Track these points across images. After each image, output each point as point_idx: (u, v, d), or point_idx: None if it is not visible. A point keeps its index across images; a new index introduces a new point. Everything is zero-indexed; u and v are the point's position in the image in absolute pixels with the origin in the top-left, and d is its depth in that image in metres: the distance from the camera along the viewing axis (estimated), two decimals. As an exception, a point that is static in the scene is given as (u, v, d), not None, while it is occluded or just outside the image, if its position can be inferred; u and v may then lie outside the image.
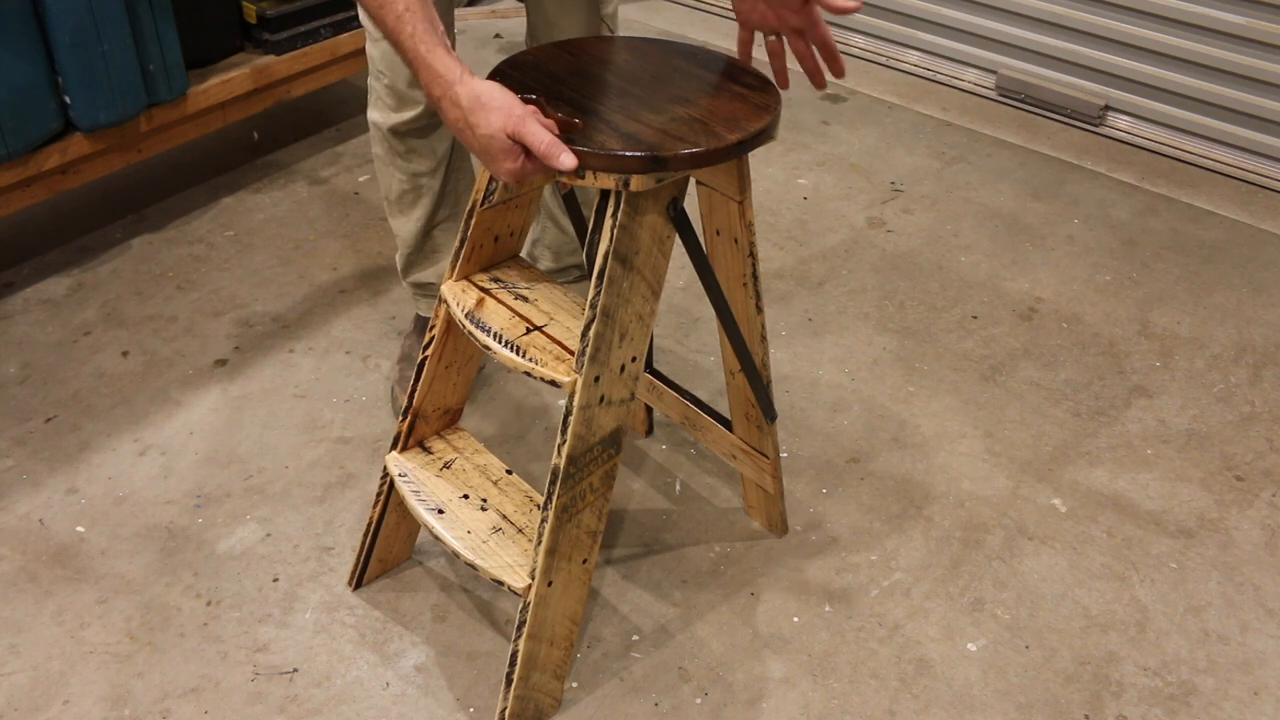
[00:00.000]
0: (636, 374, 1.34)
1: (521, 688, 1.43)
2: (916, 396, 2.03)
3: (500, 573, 1.38)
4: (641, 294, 1.30)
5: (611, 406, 1.33)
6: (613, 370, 1.31)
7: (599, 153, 1.17)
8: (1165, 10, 2.68)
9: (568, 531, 1.36)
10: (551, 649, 1.44)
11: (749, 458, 1.65)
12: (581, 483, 1.34)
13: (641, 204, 1.24)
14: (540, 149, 1.15)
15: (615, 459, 1.38)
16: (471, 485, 1.50)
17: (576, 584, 1.41)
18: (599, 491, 1.37)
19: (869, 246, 2.43)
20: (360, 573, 1.65)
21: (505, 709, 1.43)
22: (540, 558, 1.35)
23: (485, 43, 3.24)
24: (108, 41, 2.05)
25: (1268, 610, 1.66)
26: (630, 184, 1.19)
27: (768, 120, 1.26)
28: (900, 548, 1.74)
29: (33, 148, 2.07)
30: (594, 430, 1.32)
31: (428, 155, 1.78)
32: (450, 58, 1.19)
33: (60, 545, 1.70)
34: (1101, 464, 1.90)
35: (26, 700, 1.49)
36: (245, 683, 1.51)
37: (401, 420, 1.53)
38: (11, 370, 2.02)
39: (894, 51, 3.21)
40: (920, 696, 1.52)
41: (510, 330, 1.35)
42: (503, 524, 1.44)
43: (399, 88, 1.68)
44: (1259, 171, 2.70)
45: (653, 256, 1.29)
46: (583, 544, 1.39)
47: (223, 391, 1.99)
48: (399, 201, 1.83)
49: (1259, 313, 2.27)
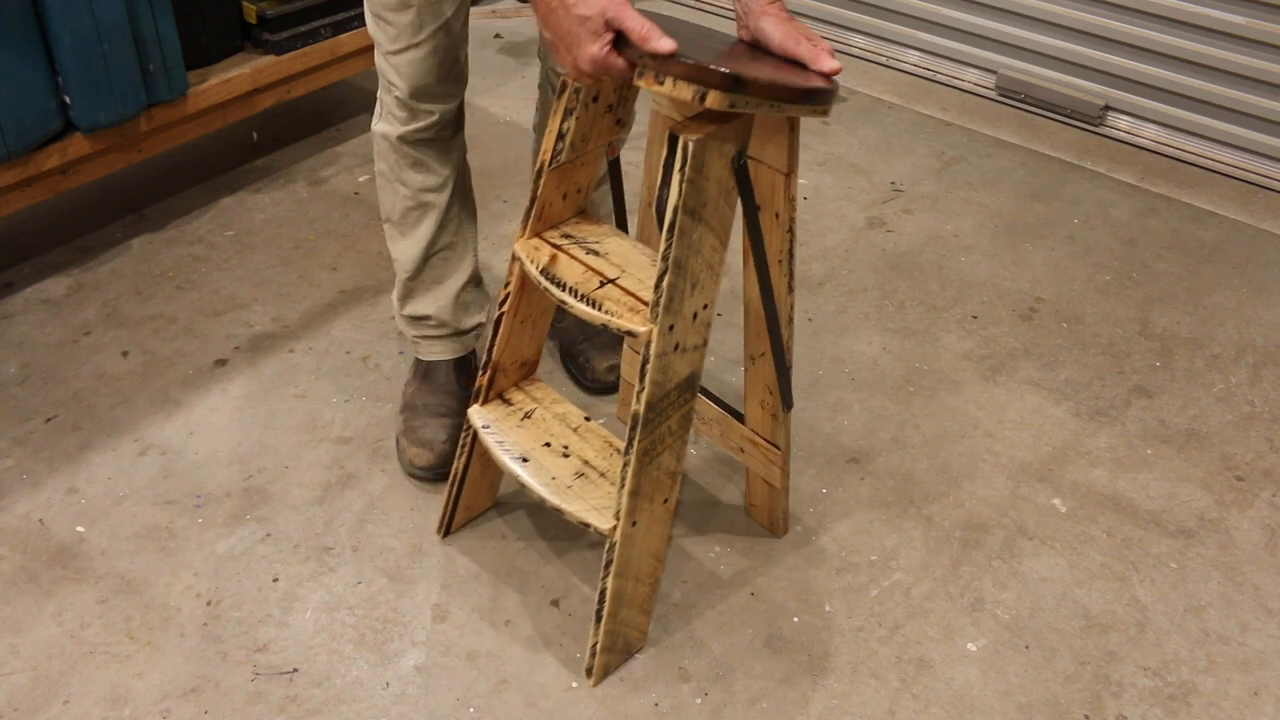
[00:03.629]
0: (708, 320, 1.39)
1: (611, 623, 1.49)
2: (916, 396, 2.03)
3: (586, 515, 1.45)
4: (710, 244, 1.34)
5: (685, 353, 1.38)
6: (686, 318, 1.35)
7: (686, 61, 1.18)
8: (1165, 10, 2.68)
9: (649, 473, 1.41)
10: (638, 585, 1.50)
11: (758, 450, 1.65)
12: (660, 426, 1.40)
13: (708, 158, 1.28)
14: (640, 32, 1.17)
15: (691, 402, 1.43)
16: (552, 434, 1.56)
17: (659, 523, 1.48)
18: (677, 434, 1.43)
19: (869, 246, 2.43)
20: (448, 522, 1.72)
21: (596, 643, 1.50)
22: (624, 500, 1.41)
23: (486, 43, 3.24)
24: (108, 41, 2.05)
25: (1268, 610, 1.66)
26: (707, 98, 1.19)
27: (830, 87, 1.29)
28: (900, 548, 1.74)
29: (33, 148, 2.07)
30: (670, 376, 1.37)
31: (437, 169, 1.72)
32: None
33: (60, 545, 1.70)
34: (1101, 464, 1.90)
35: (26, 700, 1.49)
36: (245, 683, 1.52)
37: (481, 375, 1.59)
38: (11, 370, 2.02)
39: (894, 51, 3.21)
40: (920, 696, 1.52)
41: (584, 284, 1.40)
42: (585, 469, 1.51)
43: (410, 100, 1.64)
44: (1259, 171, 2.70)
45: (719, 208, 1.33)
46: (663, 484, 1.45)
47: (223, 391, 1.99)
48: (401, 221, 1.77)
49: (1259, 313, 2.27)
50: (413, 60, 1.60)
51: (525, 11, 3.37)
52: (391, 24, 1.59)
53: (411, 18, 1.57)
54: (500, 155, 2.69)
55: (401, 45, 1.60)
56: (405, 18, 1.57)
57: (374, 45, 1.65)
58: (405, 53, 1.60)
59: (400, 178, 1.73)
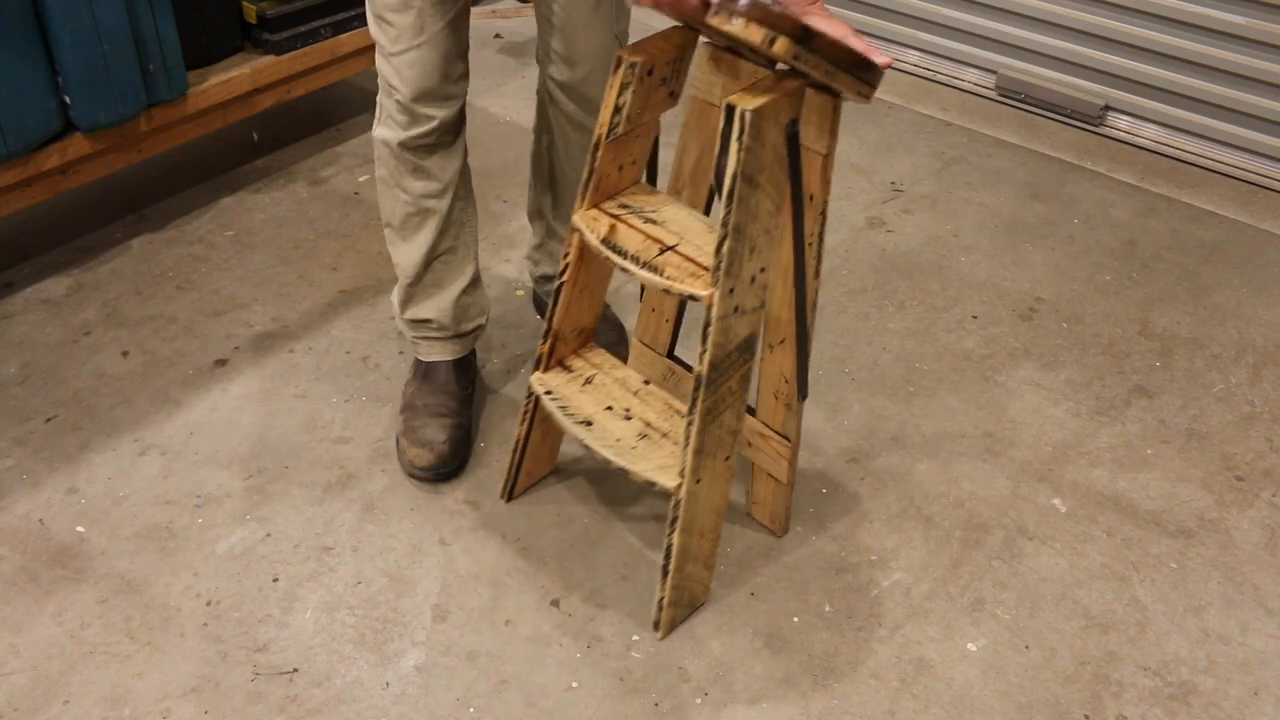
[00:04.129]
0: (765, 283, 1.44)
1: (677, 578, 1.54)
2: (916, 396, 2.03)
3: (652, 474, 1.49)
4: (767, 209, 1.38)
5: (744, 315, 1.42)
6: (744, 282, 1.39)
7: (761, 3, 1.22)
8: (1165, 10, 2.68)
9: (712, 432, 1.46)
10: (701, 540, 1.55)
11: (766, 443, 1.66)
12: (722, 386, 1.44)
13: (764, 126, 1.31)
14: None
15: (750, 362, 1.47)
16: (614, 397, 1.60)
17: (721, 479, 1.52)
18: (736, 394, 1.47)
19: (869, 246, 2.43)
20: (511, 487, 1.77)
21: (663, 597, 1.55)
22: (689, 458, 1.45)
23: (486, 43, 3.24)
24: (108, 41, 2.05)
25: (1268, 610, 1.66)
26: (775, 44, 1.23)
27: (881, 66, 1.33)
28: (900, 548, 1.74)
29: (33, 148, 2.07)
30: (730, 338, 1.42)
31: (438, 174, 1.71)
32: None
33: (60, 545, 1.70)
34: (1101, 464, 1.90)
35: (26, 700, 1.49)
36: (245, 683, 1.52)
37: (543, 343, 1.63)
38: (11, 370, 2.02)
39: (894, 51, 3.20)
40: (920, 696, 1.52)
41: (645, 252, 1.44)
42: (648, 430, 1.56)
43: (411, 104, 1.63)
44: (1259, 171, 2.70)
45: (775, 175, 1.37)
46: (725, 442, 1.49)
47: (223, 391, 1.99)
48: (402, 227, 1.76)
49: (1259, 313, 2.27)
50: (414, 62, 1.60)
51: (525, 11, 3.37)
52: (393, 25, 1.58)
53: (413, 19, 1.57)
54: (500, 155, 2.69)
55: (402, 47, 1.59)
56: (406, 19, 1.57)
57: (375, 47, 1.65)
58: (406, 54, 1.59)
59: (401, 184, 1.72)
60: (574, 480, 1.84)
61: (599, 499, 1.80)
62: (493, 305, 2.21)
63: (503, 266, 2.32)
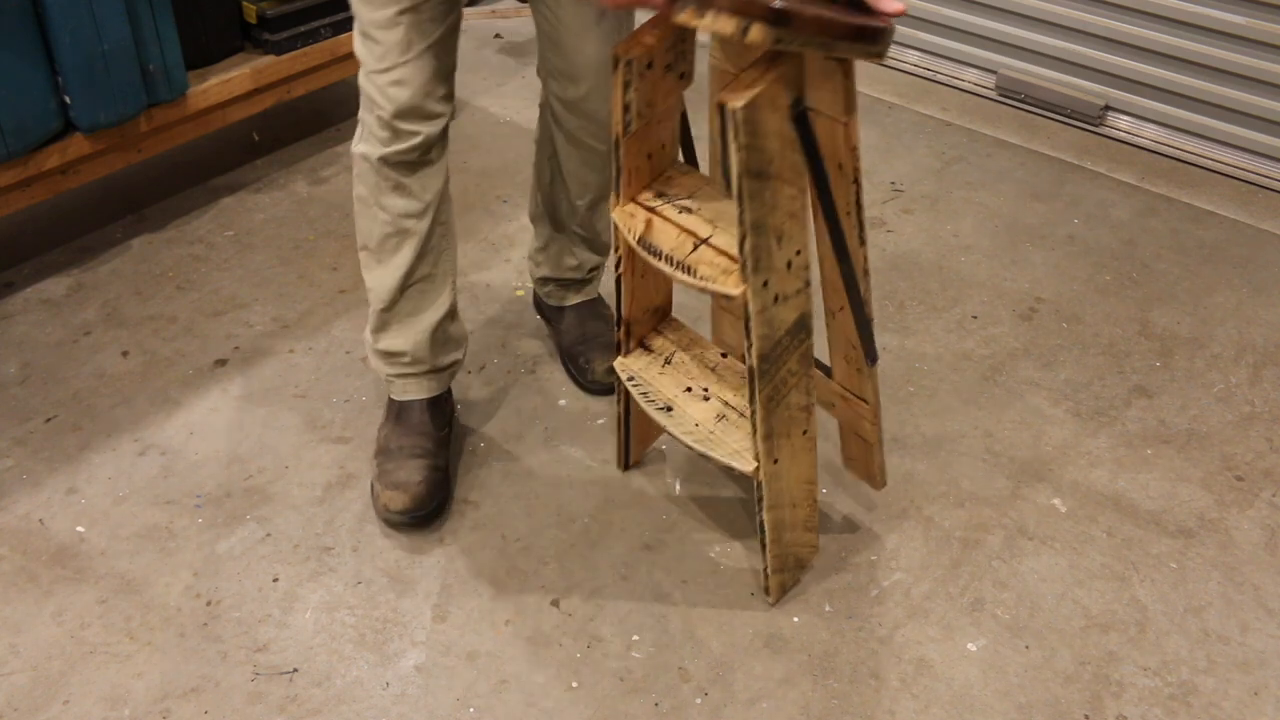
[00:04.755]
0: (805, 263, 1.39)
1: (776, 548, 1.57)
2: (916, 396, 2.03)
3: (730, 459, 1.49)
4: (787, 194, 1.32)
5: (788, 300, 1.39)
6: (779, 270, 1.36)
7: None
8: (1165, 10, 2.68)
9: (779, 415, 1.45)
10: (795, 510, 1.56)
11: (847, 404, 1.65)
12: (779, 372, 1.42)
13: (761, 117, 1.25)
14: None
15: (807, 341, 1.44)
16: (693, 377, 1.60)
17: (802, 453, 1.52)
18: (799, 373, 1.45)
19: (869, 246, 2.42)
20: (625, 457, 1.82)
21: (766, 567, 1.58)
22: (759, 444, 1.45)
23: (485, 43, 3.24)
24: (108, 41, 2.05)
25: (1268, 610, 1.66)
26: (750, 32, 1.14)
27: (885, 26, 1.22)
28: (900, 548, 1.74)
29: (33, 148, 2.07)
30: (777, 327, 1.39)
31: (419, 193, 1.64)
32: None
33: (60, 545, 1.70)
34: (1101, 464, 1.90)
35: (26, 700, 1.49)
36: (245, 683, 1.52)
37: (618, 330, 1.63)
38: (11, 370, 2.02)
39: (894, 51, 3.20)
40: (920, 696, 1.52)
41: (679, 250, 1.41)
42: (726, 410, 1.56)
43: (393, 121, 1.56)
44: (1259, 171, 2.70)
45: (787, 158, 1.31)
46: (798, 420, 1.49)
47: (223, 391, 1.99)
48: (379, 249, 1.68)
49: (1259, 313, 2.27)
50: (399, 80, 1.54)
51: (525, 11, 3.37)
52: (379, 42, 1.53)
53: (400, 36, 1.52)
54: (500, 155, 2.69)
55: (388, 64, 1.54)
56: (394, 35, 1.52)
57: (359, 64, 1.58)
58: (391, 71, 1.54)
59: (380, 202, 1.65)
60: (575, 480, 1.84)
61: (599, 499, 1.80)
62: (493, 305, 2.21)
63: (503, 266, 2.32)
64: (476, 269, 2.31)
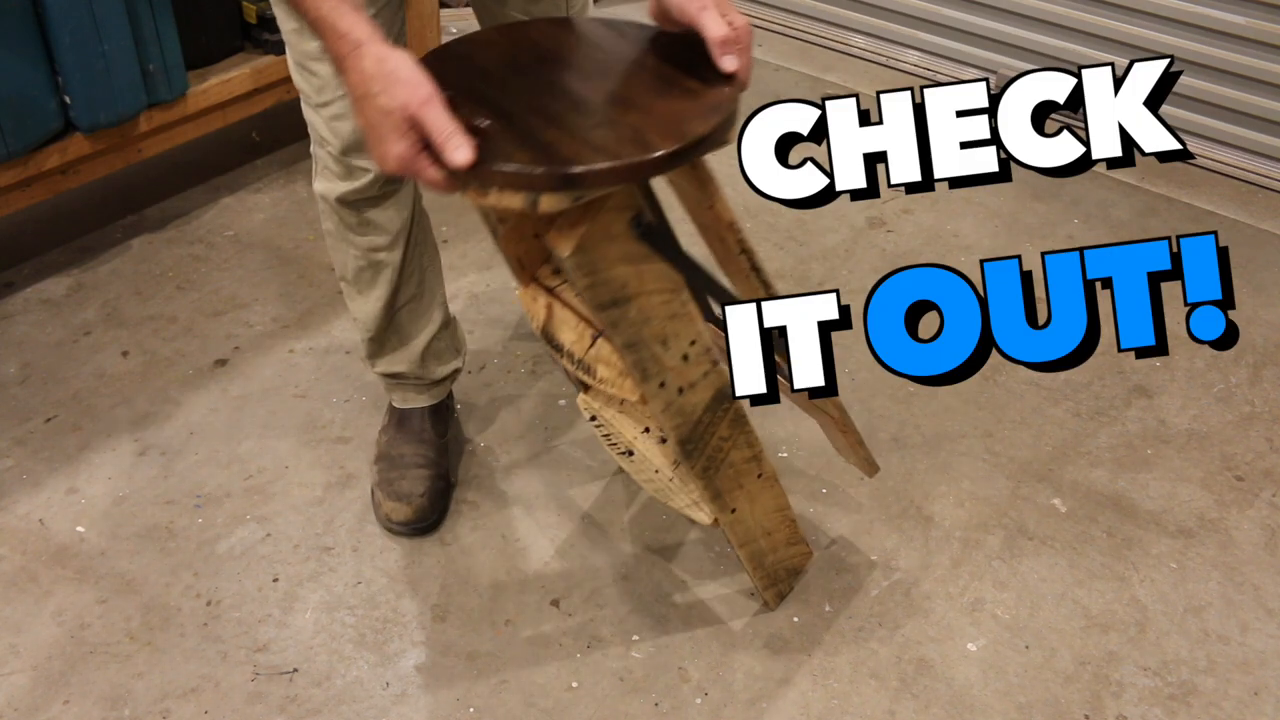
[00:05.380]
0: (705, 346, 1.30)
1: (760, 571, 1.56)
2: (916, 396, 2.03)
3: (688, 511, 1.45)
4: (658, 300, 1.23)
5: (695, 385, 1.31)
6: (674, 368, 1.28)
7: (503, 169, 1.03)
8: (1165, 10, 2.68)
9: (723, 476, 1.41)
10: (771, 536, 1.53)
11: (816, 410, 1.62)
12: (709, 442, 1.36)
13: (596, 255, 1.14)
14: (439, 138, 1.02)
15: (732, 406, 1.36)
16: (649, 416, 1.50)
17: (762, 492, 1.47)
18: (733, 436, 1.38)
19: (869, 246, 2.43)
20: None
21: (758, 585, 1.58)
22: (710, 504, 1.42)
23: (485, 43, 3.24)
24: (108, 41, 2.05)
25: (1268, 610, 1.66)
26: (539, 204, 1.05)
27: (715, 123, 1.10)
28: (900, 548, 1.74)
29: (33, 148, 2.07)
30: (690, 412, 1.33)
31: (385, 226, 1.57)
32: (357, 15, 1.06)
33: (60, 545, 1.70)
34: (1101, 464, 1.90)
35: (26, 700, 1.49)
36: (245, 683, 1.52)
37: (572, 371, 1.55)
38: (11, 370, 2.02)
39: (894, 51, 3.21)
40: (920, 696, 1.52)
41: (579, 345, 1.32)
42: None
43: (343, 156, 1.49)
44: (1259, 171, 2.70)
45: (646, 273, 1.20)
46: (747, 470, 1.43)
47: (223, 391, 1.99)
48: (356, 281, 1.63)
49: (1259, 313, 2.27)
50: (341, 113, 1.45)
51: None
52: (316, 74, 1.45)
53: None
54: (500, 155, 2.69)
55: (328, 98, 1.45)
56: (328, 67, 1.41)
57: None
58: (332, 105, 1.45)
59: (347, 238, 1.59)
60: (575, 480, 1.84)
61: (599, 499, 1.80)
62: (493, 304, 2.21)
63: (502, 266, 2.32)
64: (476, 269, 2.31)
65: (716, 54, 1.17)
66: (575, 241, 1.12)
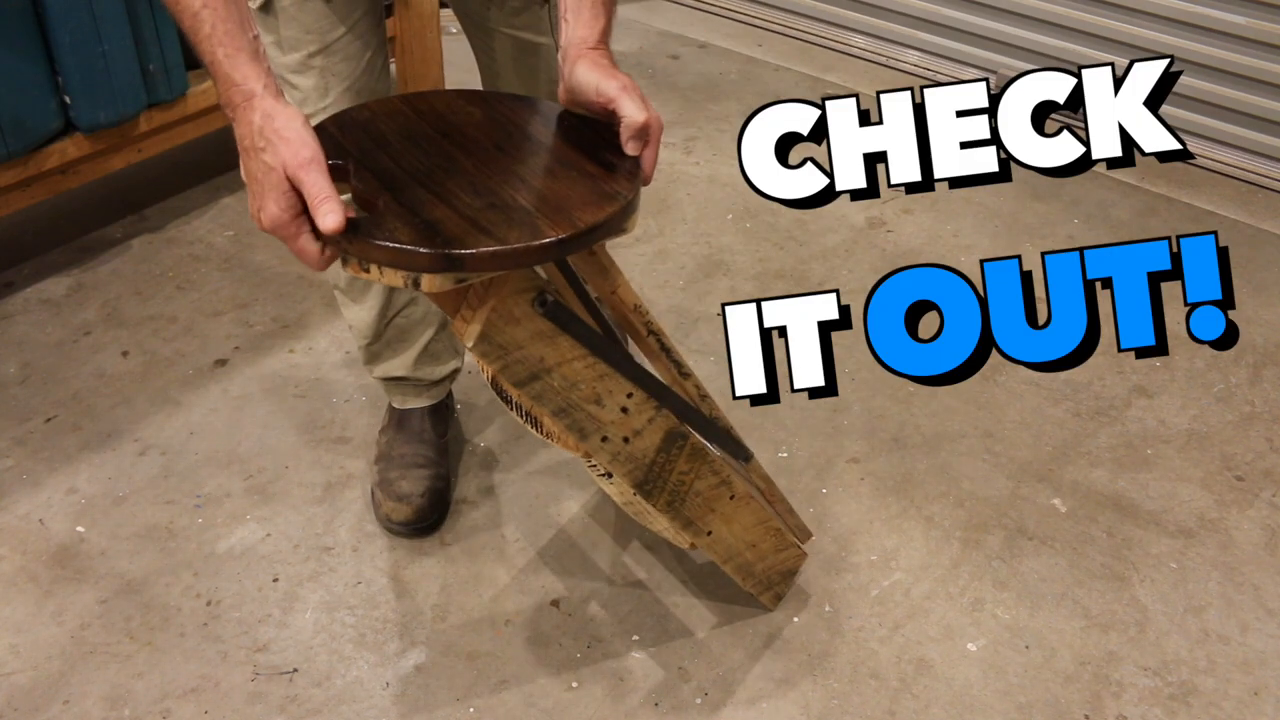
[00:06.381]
0: (642, 398, 1.27)
1: (750, 580, 1.55)
2: (916, 396, 2.03)
3: (665, 534, 1.44)
4: (580, 365, 1.19)
5: (641, 432, 1.29)
6: (614, 422, 1.26)
7: (384, 245, 0.99)
8: (1165, 10, 2.68)
9: (690, 505, 1.39)
10: (756, 548, 1.51)
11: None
12: (670, 479, 1.35)
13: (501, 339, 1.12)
14: (313, 200, 0.99)
15: (686, 441, 1.33)
16: None
17: (739, 513, 1.45)
18: (694, 468, 1.36)
19: (869, 246, 2.43)
20: None
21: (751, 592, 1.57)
22: (682, 532, 1.41)
23: (485, 43, 3.24)
24: (108, 41, 2.05)
25: (1268, 610, 1.66)
26: (420, 283, 1.02)
27: (610, 212, 1.07)
28: (900, 548, 1.74)
29: (33, 148, 2.07)
30: (641, 457, 1.31)
31: None
32: (254, 66, 1.04)
33: (60, 545, 1.70)
34: (1101, 464, 1.90)
35: (26, 700, 1.49)
36: (245, 683, 1.52)
37: None
38: (11, 370, 2.02)
39: (894, 51, 3.21)
40: (920, 696, 1.52)
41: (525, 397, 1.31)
42: None
43: None
44: (1259, 171, 2.70)
45: (559, 344, 1.17)
46: (717, 495, 1.41)
47: (223, 391, 1.99)
48: (349, 289, 1.63)
49: (1259, 313, 2.27)
50: None
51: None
52: (297, 87, 1.45)
53: (315, 80, 1.44)
54: (500, 155, 2.69)
55: (310, 110, 1.44)
56: (309, 80, 1.44)
57: None
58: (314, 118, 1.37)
59: None
60: (575, 480, 1.84)
61: (599, 499, 1.80)
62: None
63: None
64: (476, 269, 2.31)
65: (626, 136, 1.13)
66: (478, 330, 1.10)
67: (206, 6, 1.03)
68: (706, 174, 2.66)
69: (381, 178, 1.09)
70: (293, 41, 1.43)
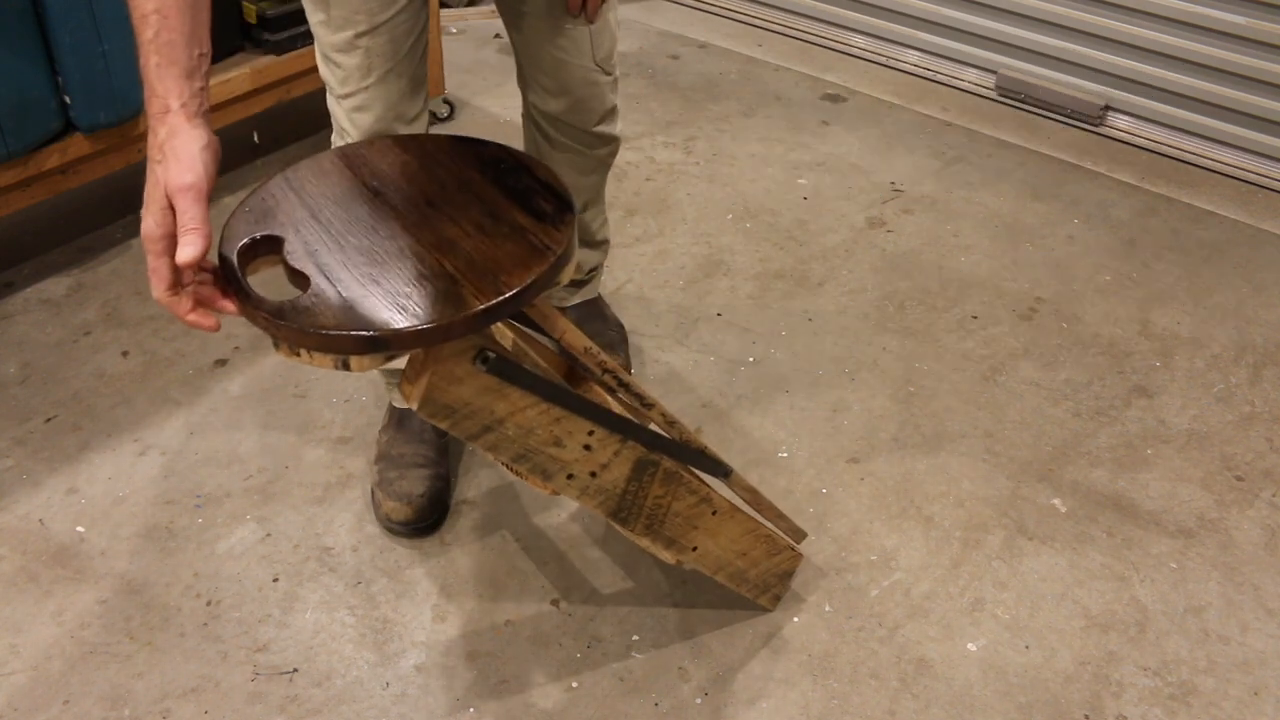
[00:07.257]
0: (604, 434, 1.26)
1: (745, 586, 1.56)
2: (916, 396, 2.03)
3: (652, 550, 1.43)
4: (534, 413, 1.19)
5: (609, 465, 1.29)
6: (579, 459, 1.26)
7: (312, 331, 1.00)
8: (1165, 10, 2.68)
9: (670, 525, 1.40)
10: (746, 555, 1.51)
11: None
12: (645, 505, 1.35)
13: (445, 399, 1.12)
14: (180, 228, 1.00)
15: (658, 468, 1.33)
16: None
17: (723, 526, 1.45)
18: (669, 491, 1.36)
19: (869, 246, 2.43)
20: None
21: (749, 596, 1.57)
22: (665, 551, 1.42)
23: (485, 42, 3.24)
24: (108, 41, 2.05)
25: (1268, 610, 1.66)
26: (350, 365, 1.02)
27: (539, 272, 1.06)
28: (900, 548, 1.74)
29: (33, 148, 2.07)
30: (611, 489, 1.31)
31: None
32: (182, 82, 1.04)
33: (60, 545, 1.70)
34: (1101, 464, 1.90)
35: (26, 700, 1.49)
36: (245, 683, 1.52)
37: None
38: (11, 370, 2.02)
39: (894, 51, 3.21)
40: (920, 696, 1.52)
41: None
42: None
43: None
44: (1259, 171, 2.70)
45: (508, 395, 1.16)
46: (698, 512, 1.42)
47: (223, 391, 1.99)
48: None
49: (1259, 313, 2.27)
50: (363, 105, 1.50)
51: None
52: (340, 66, 1.48)
53: (360, 59, 1.47)
54: (500, 155, 2.69)
55: (351, 89, 1.49)
56: (354, 60, 1.47)
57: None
58: (354, 97, 1.50)
59: None
60: (574, 480, 1.84)
61: (599, 499, 1.80)
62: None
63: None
64: (476, 269, 2.31)
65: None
66: (421, 393, 1.10)
67: (157, 12, 1.04)
68: (706, 174, 2.66)
69: (312, 254, 1.11)
70: (341, 21, 1.46)
